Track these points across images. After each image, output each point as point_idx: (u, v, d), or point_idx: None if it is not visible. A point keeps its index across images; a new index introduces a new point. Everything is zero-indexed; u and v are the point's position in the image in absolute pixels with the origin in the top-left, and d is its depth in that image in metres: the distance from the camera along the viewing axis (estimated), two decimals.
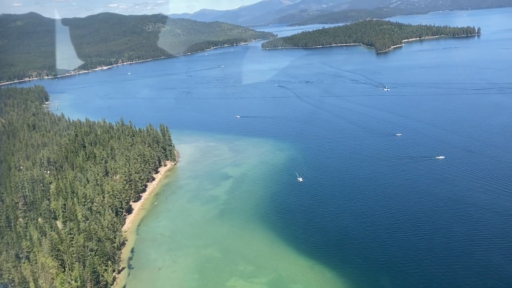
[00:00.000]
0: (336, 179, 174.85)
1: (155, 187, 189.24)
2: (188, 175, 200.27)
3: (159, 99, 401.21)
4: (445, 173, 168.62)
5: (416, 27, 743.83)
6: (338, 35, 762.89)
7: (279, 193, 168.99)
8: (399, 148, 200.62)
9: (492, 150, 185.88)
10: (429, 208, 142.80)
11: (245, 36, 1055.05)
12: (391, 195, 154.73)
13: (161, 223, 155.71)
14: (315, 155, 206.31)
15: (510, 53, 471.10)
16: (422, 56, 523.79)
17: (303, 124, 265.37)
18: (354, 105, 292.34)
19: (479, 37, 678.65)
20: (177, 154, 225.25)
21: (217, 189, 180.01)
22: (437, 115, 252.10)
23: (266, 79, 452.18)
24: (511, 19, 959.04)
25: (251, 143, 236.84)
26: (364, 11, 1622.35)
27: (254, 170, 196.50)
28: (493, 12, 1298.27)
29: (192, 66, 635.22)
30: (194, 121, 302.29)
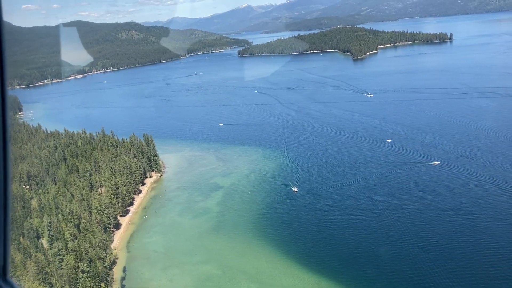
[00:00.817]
0: (332, 188, 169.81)
1: (143, 200, 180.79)
2: (176, 186, 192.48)
3: (138, 107, 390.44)
4: (442, 179, 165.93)
5: (390, 34, 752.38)
6: (314, 42, 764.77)
7: (274, 204, 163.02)
8: (392, 154, 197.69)
9: (486, 155, 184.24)
10: (433, 215, 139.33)
11: (220, 43, 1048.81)
12: (392, 203, 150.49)
13: (152, 239, 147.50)
14: (307, 163, 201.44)
15: (485, 58, 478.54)
16: (399, 62, 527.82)
17: (290, 131, 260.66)
18: (339, 111, 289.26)
19: (452, 43, 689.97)
20: (162, 165, 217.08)
21: (208, 201, 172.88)
22: (424, 120, 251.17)
23: (246, 86, 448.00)
24: (478, 26, 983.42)
25: (238, 152, 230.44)
26: (336, 18, 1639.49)
27: (245, 179, 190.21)
28: (460, 19, 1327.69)
29: (169, 74, 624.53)
30: (177, 130, 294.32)
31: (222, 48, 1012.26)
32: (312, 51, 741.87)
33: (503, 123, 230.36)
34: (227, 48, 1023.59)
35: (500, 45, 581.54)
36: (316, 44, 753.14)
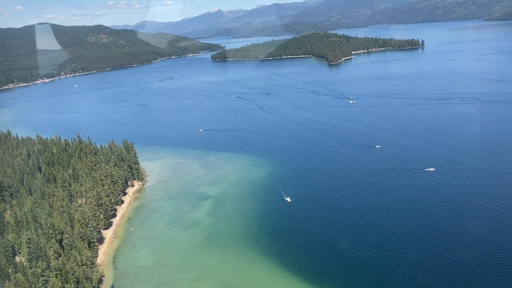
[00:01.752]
0: (327, 198, 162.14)
1: (126, 211, 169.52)
2: (161, 196, 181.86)
3: (112, 112, 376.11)
4: (443, 187, 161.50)
5: (363, 40, 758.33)
6: (288, 47, 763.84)
7: (268, 214, 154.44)
8: (384, 161, 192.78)
9: (479, 162, 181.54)
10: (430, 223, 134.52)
11: (192, 47, 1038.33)
12: (389, 212, 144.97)
13: (140, 254, 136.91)
14: (296, 171, 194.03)
15: (458, 65, 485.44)
16: (374, 68, 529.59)
17: (274, 137, 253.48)
18: (323, 117, 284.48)
19: (423, 49, 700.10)
20: (144, 173, 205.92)
21: (197, 211, 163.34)
22: (410, 126, 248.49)
23: (223, 90, 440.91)
24: (446, 33, 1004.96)
25: (223, 159, 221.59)
26: (307, 24, 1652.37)
27: (234, 188, 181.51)
28: (427, 26, 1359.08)
29: (142, 78, 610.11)
30: (155, 136, 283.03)
31: (194, 52, 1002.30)
32: (286, 56, 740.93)
33: (488, 129, 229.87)
34: (199, 52, 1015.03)
35: (471, 52, 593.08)
36: (290, 49, 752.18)
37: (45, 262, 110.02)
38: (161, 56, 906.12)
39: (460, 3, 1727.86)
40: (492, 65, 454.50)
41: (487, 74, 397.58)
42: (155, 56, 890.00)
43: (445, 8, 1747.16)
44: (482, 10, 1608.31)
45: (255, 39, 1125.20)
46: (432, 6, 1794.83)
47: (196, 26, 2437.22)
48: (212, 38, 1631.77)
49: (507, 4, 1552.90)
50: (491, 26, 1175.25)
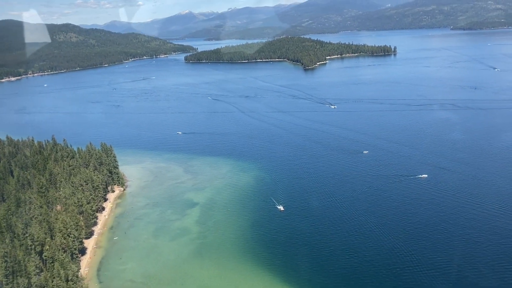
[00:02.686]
0: (320, 205, 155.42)
1: (107, 218, 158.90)
2: (145, 202, 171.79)
3: (86, 113, 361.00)
4: (433, 193, 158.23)
5: (336, 45, 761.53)
6: (263, 50, 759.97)
7: (261, 223, 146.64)
8: (374, 167, 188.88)
9: (468, 168, 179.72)
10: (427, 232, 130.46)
11: (164, 48, 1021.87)
12: (385, 220, 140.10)
13: (127, 266, 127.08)
14: (285, 177, 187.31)
15: (433, 71, 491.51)
16: (350, 73, 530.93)
17: (258, 141, 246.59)
18: (306, 122, 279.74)
19: (396, 56, 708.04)
20: (124, 178, 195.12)
21: (184, 220, 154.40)
22: (395, 131, 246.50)
23: (199, 92, 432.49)
24: (416, 41, 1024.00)
25: (207, 163, 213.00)
26: (279, 28, 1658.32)
27: (222, 195, 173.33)
28: (396, 34, 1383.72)
29: (114, 78, 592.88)
30: (133, 138, 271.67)
31: (166, 53, 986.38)
32: (261, 59, 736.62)
33: (472, 136, 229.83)
34: (171, 53, 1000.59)
35: (443, 60, 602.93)
36: (265, 53, 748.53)
37: (25, 278, 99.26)
38: (132, 57, 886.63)
39: (427, 12, 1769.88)
40: (465, 73, 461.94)
41: (461, 81, 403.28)
42: (126, 56, 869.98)
43: (413, 16, 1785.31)
44: (448, 19, 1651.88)
45: (227, 42, 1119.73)
46: (401, 14, 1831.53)
47: (167, 27, 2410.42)
48: (183, 39, 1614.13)
49: (471, 14, 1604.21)
50: (457, 35, 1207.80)
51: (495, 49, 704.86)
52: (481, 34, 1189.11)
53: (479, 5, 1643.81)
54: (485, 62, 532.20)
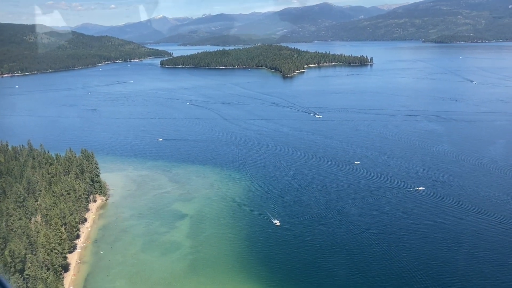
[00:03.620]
0: (318, 220, 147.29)
1: (90, 231, 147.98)
2: (129, 213, 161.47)
3: (61, 117, 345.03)
4: (431, 206, 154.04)
5: (314, 54, 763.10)
6: (241, 57, 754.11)
7: (257, 238, 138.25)
8: (367, 179, 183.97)
9: (462, 181, 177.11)
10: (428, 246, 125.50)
11: (138, 52, 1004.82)
12: (387, 235, 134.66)
13: (116, 284, 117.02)
14: (277, 188, 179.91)
15: (411, 82, 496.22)
16: (330, 82, 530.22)
17: (244, 149, 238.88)
18: (291, 130, 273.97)
19: (372, 66, 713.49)
20: (106, 187, 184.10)
21: (174, 233, 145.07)
22: (383, 142, 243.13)
23: (178, 98, 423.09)
24: (390, 52, 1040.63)
25: (193, 172, 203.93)
26: (255, 36, 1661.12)
27: (212, 206, 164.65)
28: (370, 44, 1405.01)
29: (88, 81, 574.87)
30: (112, 144, 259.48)
31: (141, 57, 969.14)
32: (239, 66, 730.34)
33: (459, 148, 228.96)
34: (146, 57, 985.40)
35: (420, 71, 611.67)
36: (242, 60, 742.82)
37: None
38: (106, 60, 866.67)
39: (400, 24, 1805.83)
40: (443, 84, 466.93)
41: (441, 93, 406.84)
42: (100, 59, 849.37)
43: (385, 28, 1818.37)
44: (419, 32, 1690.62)
45: (202, 48, 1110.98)
46: (374, 26, 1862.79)
47: (140, 31, 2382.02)
48: (157, 44, 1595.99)
49: (442, 28, 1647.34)
50: (429, 47, 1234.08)
51: (467, 62, 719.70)
52: (452, 47, 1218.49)
53: (449, 19, 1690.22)
54: (461, 74, 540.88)
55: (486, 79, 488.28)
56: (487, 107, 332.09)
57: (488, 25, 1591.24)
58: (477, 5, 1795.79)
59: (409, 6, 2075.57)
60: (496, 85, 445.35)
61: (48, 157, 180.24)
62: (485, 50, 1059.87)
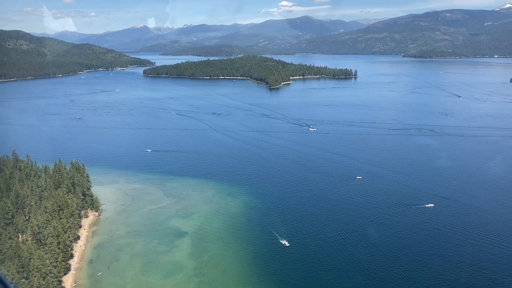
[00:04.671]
0: (327, 240, 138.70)
1: (84, 250, 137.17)
2: (125, 231, 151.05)
3: (44, 126, 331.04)
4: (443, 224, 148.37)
5: (298, 66, 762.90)
6: (225, 68, 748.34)
7: (264, 259, 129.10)
8: (372, 195, 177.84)
9: (469, 199, 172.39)
10: (450, 268, 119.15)
11: (120, 61, 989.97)
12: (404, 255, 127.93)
13: None
14: (280, 204, 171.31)
15: (399, 96, 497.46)
16: (318, 94, 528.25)
17: (239, 162, 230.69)
18: (287, 143, 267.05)
19: (356, 79, 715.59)
20: (98, 201, 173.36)
21: (175, 252, 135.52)
22: (382, 156, 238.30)
23: (165, 107, 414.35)
24: (372, 65, 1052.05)
25: (188, 185, 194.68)
26: (237, 47, 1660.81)
27: (212, 223, 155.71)
28: (351, 58, 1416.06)
29: (70, 90, 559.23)
30: (100, 155, 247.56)
31: (123, 66, 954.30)
32: (223, 77, 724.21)
33: (459, 164, 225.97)
34: (128, 66, 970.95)
35: (405, 85, 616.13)
36: (227, 70, 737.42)
37: None
38: (87, 68, 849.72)
39: (380, 39, 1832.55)
40: (430, 99, 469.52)
41: (429, 107, 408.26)
42: (81, 67, 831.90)
43: (366, 42, 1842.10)
44: (399, 47, 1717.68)
45: (184, 58, 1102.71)
46: (354, 40, 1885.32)
47: (121, 40, 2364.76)
48: (138, 53, 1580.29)
49: (421, 43, 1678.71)
50: (410, 62, 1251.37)
51: (449, 77, 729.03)
52: (431, 62, 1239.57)
53: (427, 35, 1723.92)
54: (446, 89, 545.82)
55: (472, 94, 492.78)
56: (478, 122, 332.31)
57: (465, 41, 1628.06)
58: (454, 22, 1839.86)
59: (388, 21, 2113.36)
60: (483, 100, 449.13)
61: (36, 169, 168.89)
62: (464, 65, 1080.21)
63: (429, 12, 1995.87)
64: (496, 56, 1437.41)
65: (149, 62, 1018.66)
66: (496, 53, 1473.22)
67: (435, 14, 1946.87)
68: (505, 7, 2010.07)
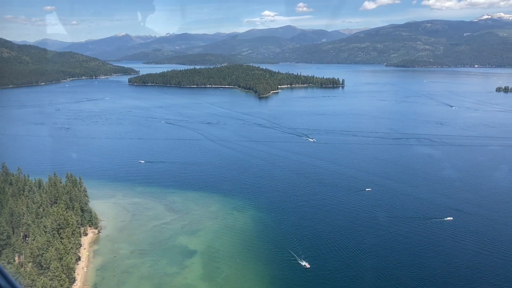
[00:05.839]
0: (351, 260, 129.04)
1: (87, 272, 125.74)
2: (128, 250, 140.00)
3: (30, 136, 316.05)
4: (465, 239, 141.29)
5: (285, 75, 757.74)
6: (212, 76, 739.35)
7: (283, 281, 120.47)
8: (387, 207, 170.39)
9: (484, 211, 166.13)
10: None
11: (104, 69, 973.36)
12: (438, 278, 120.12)
13: None
14: (291, 219, 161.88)
15: (390, 105, 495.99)
16: (308, 103, 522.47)
17: (240, 173, 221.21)
18: (288, 154, 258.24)
19: (344, 88, 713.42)
20: (97, 217, 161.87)
21: (186, 274, 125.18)
22: (387, 167, 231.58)
23: (156, 117, 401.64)
24: (356, 74, 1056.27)
25: (190, 199, 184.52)
26: (221, 56, 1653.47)
27: (222, 240, 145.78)
28: (334, 67, 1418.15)
29: (54, 98, 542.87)
30: (93, 167, 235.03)
31: (107, 74, 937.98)
32: (211, 85, 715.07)
33: (467, 174, 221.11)
34: (112, 75, 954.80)
35: (394, 94, 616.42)
36: (214, 79, 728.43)
37: None
38: (70, 76, 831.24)
39: (362, 49, 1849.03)
40: (422, 108, 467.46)
41: (423, 116, 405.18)
42: (64, 75, 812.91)
43: (348, 52, 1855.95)
44: (381, 56, 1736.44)
45: (168, 66, 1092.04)
46: (337, 49, 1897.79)
47: (102, 48, 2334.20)
48: (121, 61, 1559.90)
49: (403, 53, 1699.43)
50: (393, 71, 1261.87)
51: (436, 86, 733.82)
52: (414, 71, 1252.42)
53: (409, 44, 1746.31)
54: (435, 98, 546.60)
55: (461, 103, 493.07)
56: (474, 131, 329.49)
57: (446, 51, 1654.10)
58: (434, 32, 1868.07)
59: (370, 31, 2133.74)
60: (474, 109, 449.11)
61: (29, 183, 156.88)
62: (447, 74, 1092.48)
63: (410, 23, 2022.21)
64: (476, 66, 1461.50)
65: (133, 70, 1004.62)
66: (476, 62, 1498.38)
67: (415, 25, 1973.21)
68: (483, 18, 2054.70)
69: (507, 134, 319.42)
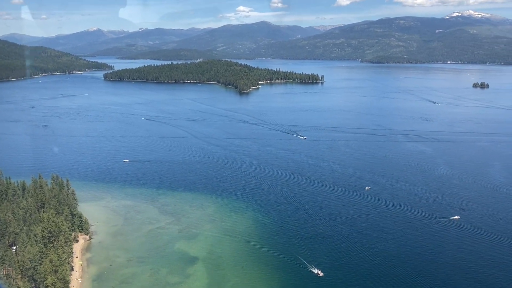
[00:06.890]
0: (367, 267, 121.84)
1: (82, 283, 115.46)
2: (125, 257, 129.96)
3: (6, 134, 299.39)
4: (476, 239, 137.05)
5: (265, 71, 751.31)
6: (191, 72, 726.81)
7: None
8: (390, 207, 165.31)
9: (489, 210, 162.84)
10: None
11: (77, 64, 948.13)
12: None
13: None
14: (294, 221, 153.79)
15: (372, 101, 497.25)
16: (291, 99, 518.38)
17: (232, 173, 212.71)
18: (279, 151, 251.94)
19: (323, 84, 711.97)
20: (87, 222, 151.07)
21: (191, 283, 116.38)
22: (381, 164, 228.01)
23: (137, 113, 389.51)
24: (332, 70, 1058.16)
25: (184, 201, 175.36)
26: (196, 51, 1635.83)
27: (223, 246, 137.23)
28: (310, 63, 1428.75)
29: (27, 94, 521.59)
30: (77, 167, 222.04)
31: (80, 70, 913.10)
32: (189, 81, 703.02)
33: (462, 171, 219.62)
34: (86, 70, 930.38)
35: (373, 90, 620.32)
36: (193, 74, 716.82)
37: None
38: (43, 72, 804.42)
39: (337, 45, 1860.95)
40: (404, 104, 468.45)
41: (407, 112, 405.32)
42: (36, 71, 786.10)
43: (324, 48, 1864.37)
44: (356, 53, 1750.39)
45: (142, 62, 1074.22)
46: (312, 45, 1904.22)
47: (74, 43, 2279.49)
48: (93, 57, 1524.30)
49: (377, 49, 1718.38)
50: (369, 67, 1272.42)
51: (411, 82, 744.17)
52: (390, 67, 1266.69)
53: (383, 41, 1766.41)
54: (415, 94, 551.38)
55: (443, 99, 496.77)
56: (460, 127, 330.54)
57: (419, 47, 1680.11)
58: (407, 28, 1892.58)
59: (344, 27, 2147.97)
60: (456, 105, 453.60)
61: (14, 186, 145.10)
62: (422, 70, 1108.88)
63: (383, 19, 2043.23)
64: (449, 62, 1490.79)
65: (107, 66, 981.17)
66: (449, 59, 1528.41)
67: (389, 21, 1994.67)
68: (454, 15, 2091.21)
69: (492, 130, 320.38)
